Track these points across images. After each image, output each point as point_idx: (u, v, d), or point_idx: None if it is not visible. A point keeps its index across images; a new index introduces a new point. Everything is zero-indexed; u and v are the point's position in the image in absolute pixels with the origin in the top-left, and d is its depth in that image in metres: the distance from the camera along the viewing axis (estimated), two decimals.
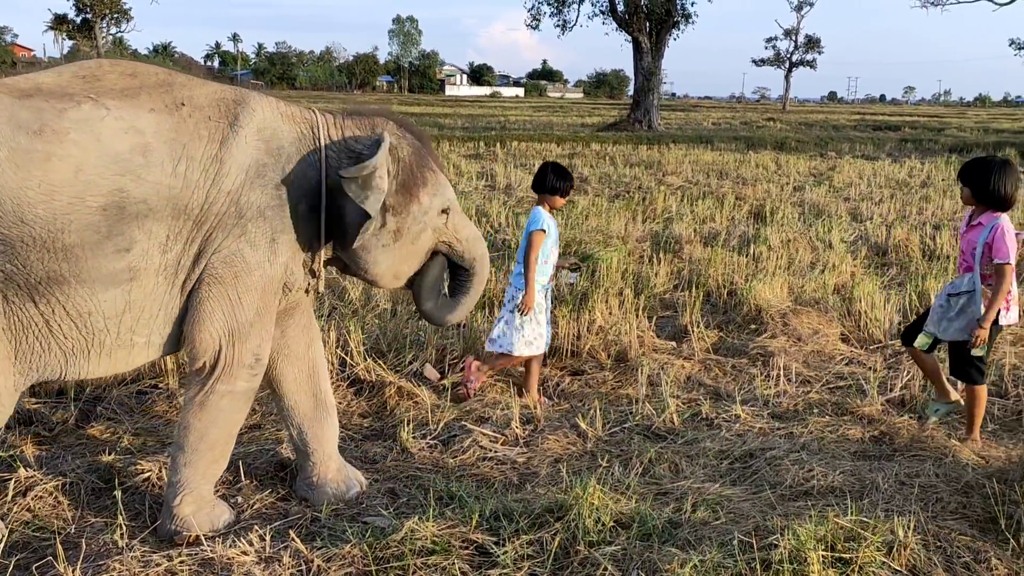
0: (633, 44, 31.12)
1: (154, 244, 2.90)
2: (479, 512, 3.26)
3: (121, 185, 2.77)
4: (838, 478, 3.76)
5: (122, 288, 2.89)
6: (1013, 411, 4.86)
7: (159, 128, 2.88)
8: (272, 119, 3.16)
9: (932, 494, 3.58)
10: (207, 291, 3.05)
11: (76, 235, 2.73)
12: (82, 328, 2.90)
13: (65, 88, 2.82)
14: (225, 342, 3.12)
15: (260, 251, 3.10)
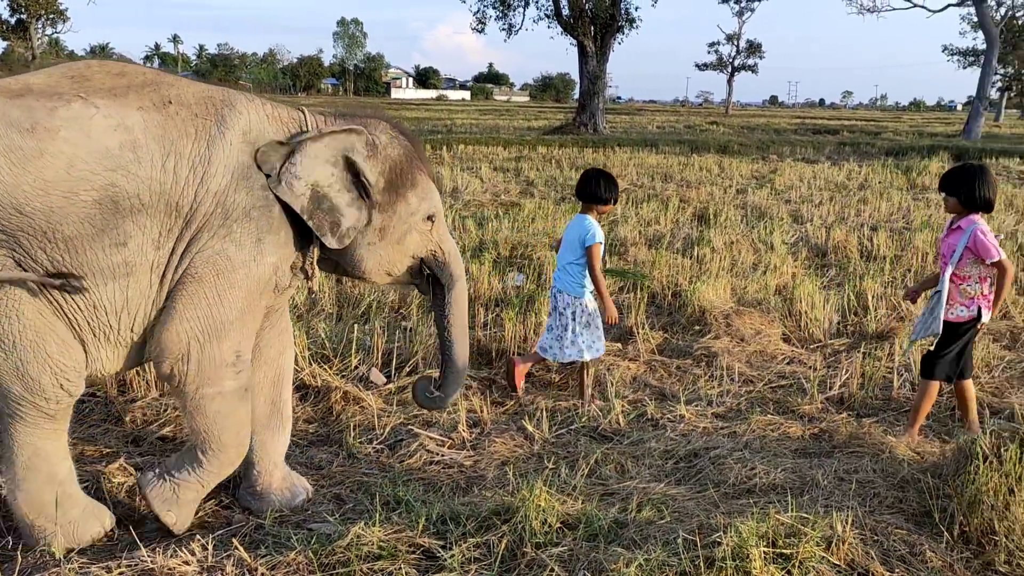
0: (578, 48, 31.31)
1: (148, 240, 2.97)
2: (426, 516, 3.25)
3: (113, 180, 2.85)
4: (779, 475, 3.83)
5: (120, 283, 2.96)
6: (946, 407, 4.99)
7: (147, 125, 2.94)
8: (258, 120, 3.20)
9: (870, 489, 3.66)
10: (183, 290, 3.06)
11: (74, 227, 2.82)
12: (92, 321, 2.99)
13: (55, 88, 2.89)
14: (196, 343, 3.09)
15: (245, 251, 3.11)
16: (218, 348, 3.13)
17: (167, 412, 4.55)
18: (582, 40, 30.97)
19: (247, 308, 3.18)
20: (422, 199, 3.47)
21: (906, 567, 3.04)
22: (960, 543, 3.25)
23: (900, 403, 5.04)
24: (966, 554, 3.18)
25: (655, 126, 38.81)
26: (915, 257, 8.70)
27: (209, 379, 3.15)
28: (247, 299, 3.16)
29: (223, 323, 3.12)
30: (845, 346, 6.02)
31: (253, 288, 3.17)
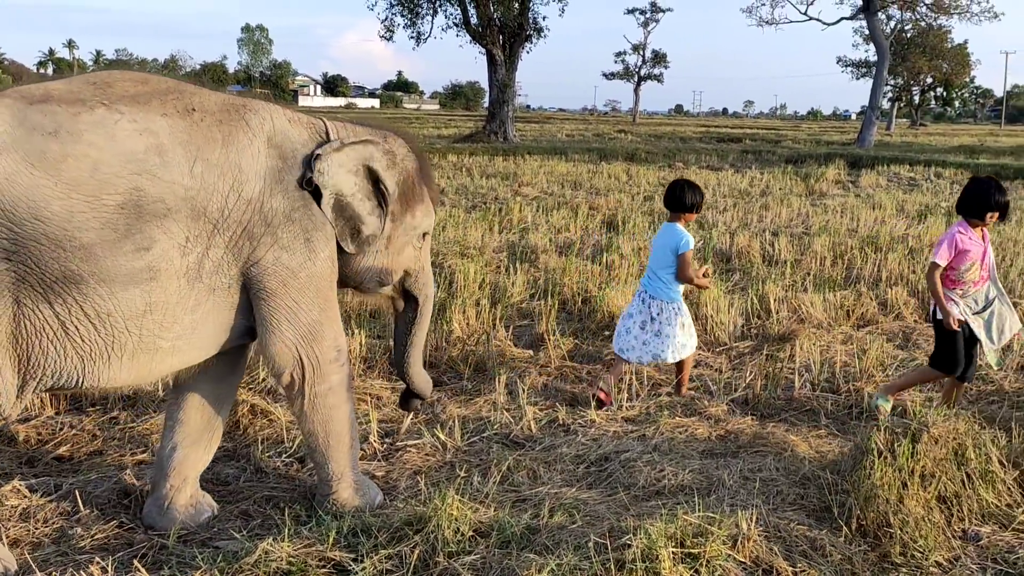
0: (487, 57, 31.47)
1: (173, 245, 2.93)
2: (336, 529, 3.21)
3: (138, 184, 2.82)
4: (687, 476, 3.91)
5: (142, 288, 2.89)
6: (845, 406, 5.18)
7: (173, 131, 2.94)
8: (281, 124, 3.26)
9: (773, 487, 3.77)
10: (263, 307, 3.18)
11: (94, 233, 2.75)
12: (101, 330, 2.88)
13: (77, 94, 2.87)
14: (301, 349, 3.28)
15: (298, 254, 3.21)
16: (320, 348, 3.32)
17: (63, 431, 4.38)
18: (491, 49, 31.14)
19: (325, 304, 3.33)
20: (426, 215, 3.63)
21: (807, 561, 3.14)
22: (858, 536, 3.38)
23: (801, 403, 5.20)
24: (863, 547, 3.30)
25: (564, 134, 39.23)
26: (814, 261, 9.00)
27: (319, 378, 3.35)
28: (320, 296, 3.30)
29: (312, 325, 3.28)
30: (749, 348, 6.19)
31: (321, 284, 3.30)
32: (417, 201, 3.56)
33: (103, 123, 2.81)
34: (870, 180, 18.30)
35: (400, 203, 3.50)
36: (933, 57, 55.35)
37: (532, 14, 31.97)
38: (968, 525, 3.51)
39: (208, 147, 3.01)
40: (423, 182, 3.60)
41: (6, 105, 2.74)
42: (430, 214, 3.66)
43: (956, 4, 37.39)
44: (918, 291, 7.62)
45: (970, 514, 3.55)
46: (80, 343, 2.86)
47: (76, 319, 2.82)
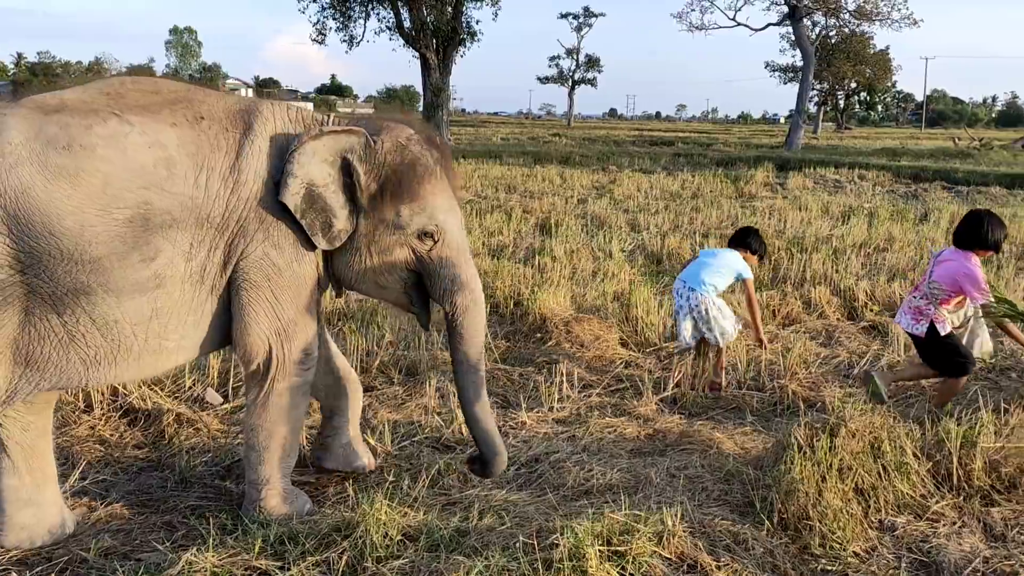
0: (421, 60, 31.34)
1: (178, 252, 3.03)
2: (263, 538, 3.17)
3: (146, 198, 2.91)
4: (615, 476, 3.96)
5: (148, 296, 3.00)
6: (769, 403, 5.30)
7: (181, 142, 3.04)
8: (283, 126, 3.31)
9: (698, 484, 3.85)
10: (245, 297, 3.22)
11: (104, 247, 2.84)
12: (108, 336, 2.98)
13: (90, 104, 2.95)
14: (274, 342, 3.30)
15: (286, 252, 3.25)
16: (291, 346, 3.34)
17: None
18: (424, 53, 31.03)
19: (304, 306, 3.35)
20: (416, 213, 3.38)
21: (731, 556, 3.21)
22: (779, 529, 3.46)
23: (728, 401, 5.31)
24: (784, 540, 3.39)
25: (499, 138, 39.34)
26: None
27: (282, 375, 3.36)
28: (300, 297, 3.32)
29: (288, 322, 3.30)
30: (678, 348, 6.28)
31: (302, 286, 3.32)
32: (404, 199, 3.35)
33: (114, 136, 2.89)
34: (797, 182, 18.73)
35: (378, 200, 3.35)
36: (857, 62, 56.80)
37: (465, 18, 31.95)
38: (884, 516, 3.63)
39: (214, 156, 3.10)
40: (421, 180, 3.37)
41: (23, 116, 2.83)
42: (423, 212, 3.38)
43: (877, 11, 38.50)
44: (841, 290, 7.82)
45: (886, 505, 3.66)
46: (85, 349, 2.97)
47: (83, 327, 2.93)
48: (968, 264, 4.85)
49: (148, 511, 3.70)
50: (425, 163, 3.39)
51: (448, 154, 3.54)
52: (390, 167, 3.34)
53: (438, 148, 3.48)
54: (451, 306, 3.48)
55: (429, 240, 3.42)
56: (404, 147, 3.36)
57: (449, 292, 3.47)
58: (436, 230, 3.41)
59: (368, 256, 3.42)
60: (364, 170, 3.32)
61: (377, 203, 3.35)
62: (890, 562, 3.33)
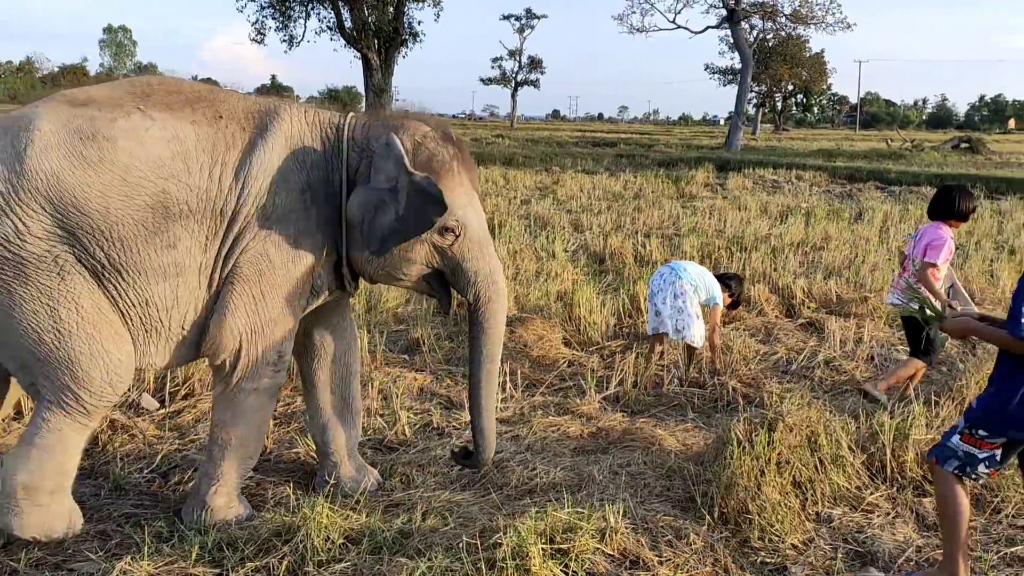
0: (363, 61, 31.11)
1: (196, 243, 3.19)
2: (200, 544, 3.12)
3: (165, 188, 3.09)
4: (559, 474, 3.97)
5: (171, 282, 3.18)
6: (710, 400, 5.37)
7: (199, 137, 3.19)
8: (299, 127, 3.38)
9: (640, 480, 3.88)
10: (231, 288, 3.27)
11: (128, 228, 3.06)
12: (144, 316, 3.20)
13: (116, 100, 3.15)
14: (246, 339, 3.32)
15: (284, 251, 3.31)
16: (263, 346, 3.35)
17: None
18: (366, 53, 30.81)
19: (287, 309, 3.38)
20: None
21: (672, 550, 3.25)
22: (720, 524, 3.51)
23: (670, 398, 5.36)
24: (725, 534, 3.43)
25: None
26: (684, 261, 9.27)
27: (251, 375, 3.37)
28: (287, 300, 3.36)
29: (267, 322, 3.33)
30: (621, 347, 6.33)
31: (292, 289, 3.36)
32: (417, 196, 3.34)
33: (136, 130, 3.08)
34: (737, 183, 19.02)
35: None
36: (793, 65, 57.97)
37: (407, 19, 31.81)
38: (821, 508, 3.70)
39: (229, 152, 3.23)
40: (439, 175, 3.33)
41: (54, 107, 3.09)
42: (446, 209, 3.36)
43: (812, 15, 39.35)
44: (779, 288, 7.96)
45: (823, 497, 3.74)
46: (132, 326, 3.20)
47: (127, 303, 3.15)
48: (938, 231, 5.17)
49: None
50: (441, 159, 3.39)
51: (464, 149, 3.54)
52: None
53: (454, 143, 3.48)
54: (474, 298, 3.51)
55: (450, 235, 3.43)
56: (420, 145, 3.38)
57: (472, 284, 3.50)
58: (456, 225, 3.41)
59: (389, 253, 3.42)
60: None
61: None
62: (827, 553, 3.40)
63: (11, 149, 3.00)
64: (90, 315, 3.09)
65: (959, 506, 3.10)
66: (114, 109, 3.10)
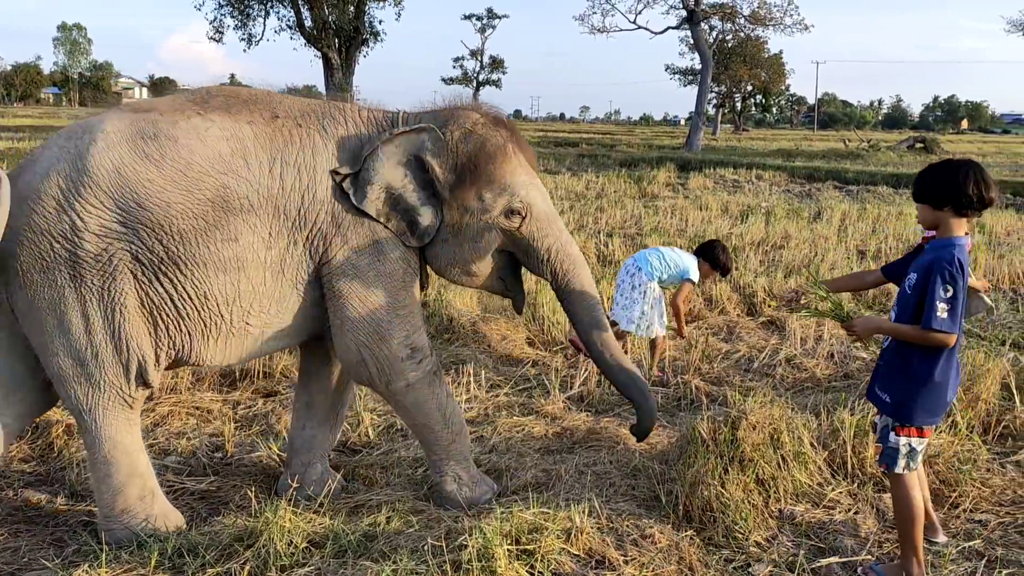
0: (323, 60, 30.89)
1: (258, 239, 3.23)
2: (159, 551, 3.06)
3: (225, 182, 3.17)
4: (524, 474, 3.96)
5: (231, 276, 3.21)
6: (674, 398, 5.39)
7: (257, 136, 3.27)
8: (354, 127, 3.45)
9: (606, 480, 3.88)
10: (331, 306, 3.37)
11: (188, 222, 3.12)
12: (202, 311, 3.22)
13: (177, 107, 3.28)
14: (364, 349, 3.40)
15: (366, 254, 3.35)
16: (386, 347, 3.41)
17: None
18: (327, 52, 30.59)
19: (396, 304, 3.40)
20: (498, 194, 3.44)
21: (638, 549, 3.25)
22: (684, 522, 3.52)
23: None
24: (689, 532, 3.44)
25: None
26: None
27: (393, 377, 3.45)
28: (390, 297, 3.39)
29: (378, 325, 3.38)
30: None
31: (390, 285, 3.39)
32: (483, 182, 3.41)
33: (196, 129, 3.18)
34: (698, 182, 19.16)
35: (458, 189, 3.41)
36: (752, 66, 58.43)
37: (368, 18, 31.67)
38: (784, 505, 3.73)
39: (287, 149, 3.29)
40: (496, 161, 3.42)
41: (119, 114, 3.25)
42: (506, 192, 3.44)
43: (771, 16, 39.77)
44: (740, 287, 8.03)
45: (785, 494, 3.76)
46: (187, 320, 3.21)
47: (182, 297, 3.17)
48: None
49: (36, 527, 3.52)
50: (496, 143, 3.45)
51: (517, 131, 3.59)
52: (463, 155, 3.41)
53: (506, 127, 3.54)
54: (552, 274, 3.58)
55: (516, 217, 3.48)
56: (471, 132, 3.43)
57: (547, 262, 3.56)
58: (522, 206, 3.47)
59: (457, 245, 3.48)
60: (438, 163, 3.41)
61: (459, 192, 3.43)
62: (790, 549, 3.43)
63: (75, 149, 3.10)
64: (133, 315, 3.15)
65: (915, 507, 3.18)
66: (175, 113, 3.22)
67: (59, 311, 3.10)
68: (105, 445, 3.24)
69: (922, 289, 3.03)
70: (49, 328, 3.11)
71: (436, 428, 3.59)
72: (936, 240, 3.14)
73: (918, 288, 3.06)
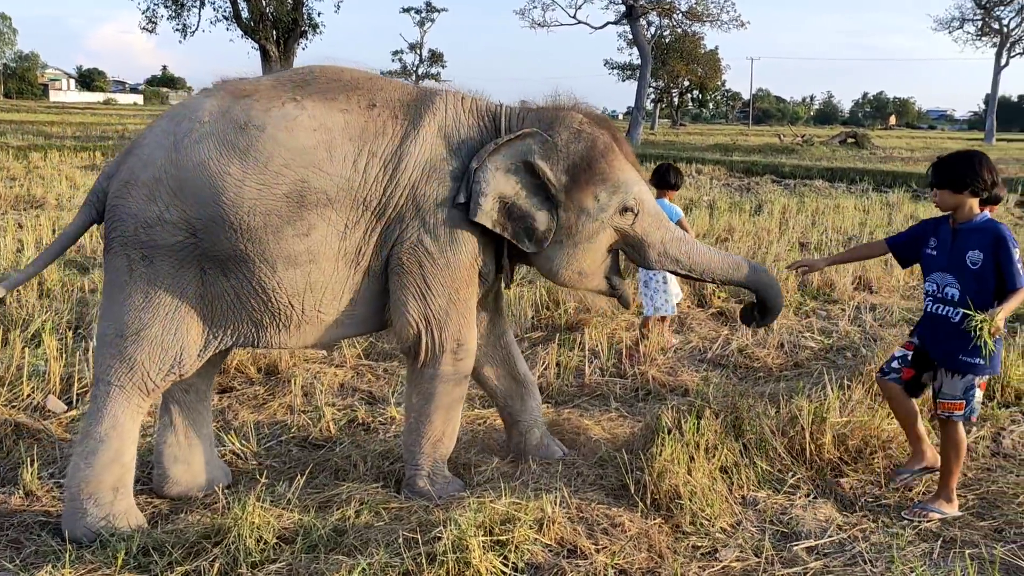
0: (261, 52, 30.37)
1: (332, 231, 3.21)
2: (125, 550, 2.99)
3: (304, 176, 3.12)
4: (491, 466, 3.96)
5: (302, 269, 3.20)
6: (631, 389, 5.45)
7: (347, 126, 3.22)
8: (455, 115, 3.42)
9: (574, 470, 3.90)
10: (397, 281, 3.35)
11: (260, 218, 3.09)
12: (268, 303, 3.23)
13: (276, 90, 3.24)
14: (423, 328, 3.41)
15: (441, 241, 3.33)
16: (439, 335, 3.43)
17: None
18: (264, 44, 30.10)
19: (457, 297, 3.40)
20: (612, 193, 3.47)
21: (608, 538, 3.28)
22: (652, 510, 3.56)
23: (592, 388, 5.42)
24: (658, 520, 3.49)
25: None
26: None
27: (431, 361, 3.48)
28: (454, 288, 3.38)
29: (438, 311, 3.39)
30: (541, 338, 6.36)
31: (456, 275, 3.38)
32: (597, 182, 3.44)
33: (285, 118, 3.13)
34: None
35: (571, 190, 3.43)
36: (689, 62, 59.19)
37: (307, 9, 31.25)
38: (747, 492, 3.80)
39: (377, 141, 3.25)
40: (605, 160, 3.46)
41: (219, 97, 3.20)
42: (620, 190, 3.48)
43: (708, 12, 40.33)
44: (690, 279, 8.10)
45: (748, 481, 3.84)
46: (252, 312, 3.24)
47: (247, 291, 3.19)
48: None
49: None
50: (605, 142, 3.49)
51: (616, 129, 3.63)
52: (575, 156, 3.43)
53: (608, 125, 3.59)
54: (676, 263, 3.67)
55: (630, 215, 3.53)
56: (580, 132, 3.46)
57: (664, 254, 3.65)
58: (635, 203, 3.52)
59: (572, 247, 3.50)
60: (549, 167, 3.41)
61: (574, 194, 3.44)
62: (754, 535, 3.49)
63: (172, 137, 3.12)
64: (190, 305, 3.19)
65: (964, 445, 3.75)
66: (271, 99, 3.18)
67: (123, 282, 3.17)
68: (106, 422, 3.22)
69: (993, 261, 3.51)
70: (110, 294, 3.22)
71: (435, 424, 3.60)
72: (976, 219, 3.60)
73: (988, 261, 3.53)
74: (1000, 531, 3.63)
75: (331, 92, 3.28)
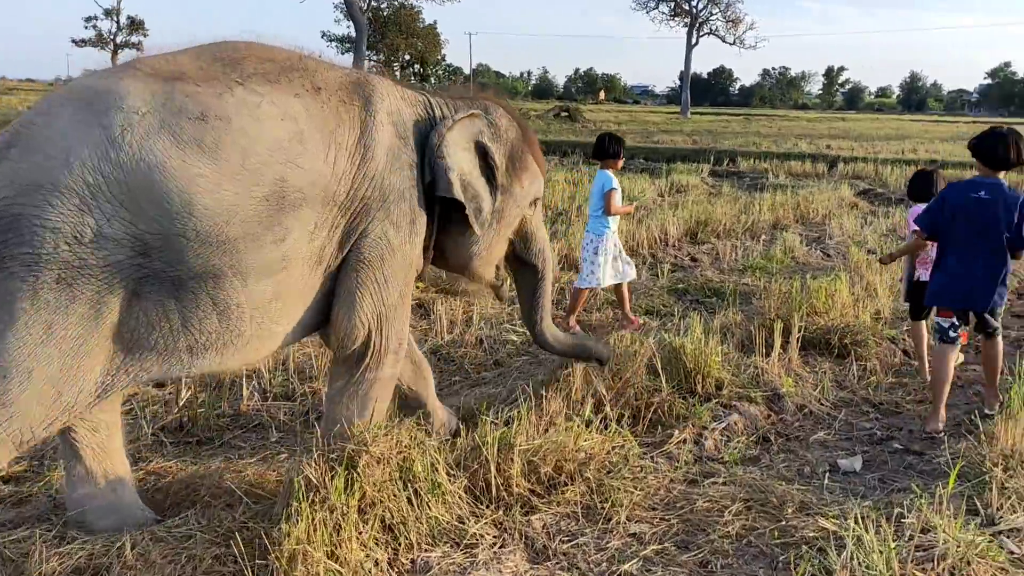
0: None
1: (303, 233, 2.84)
2: None
3: (283, 174, 2.73)
4: None
5: (273, 278, 2.80)
6: (300, 413, 4.52)
7: (308, 115, 2.85)
8: (396, 102, 3.20)
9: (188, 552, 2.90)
10: (356, 277, 3.04)
11: (239, 227, 2.64)
12: (225, 321, 2.75)
13: (209, 72, 2.72)
14: (373, 327, 3.14)
15: (402, 233, 3.11)
16: (387, 334, 3.18)
17: None
18: None
19: (404, 292, 3.21)
20: (532, 181, 3.55)
21: None
22: None
23: (249, 417, 4.44)
24: None
25: (27, 106, 34.25)
26: None
27: (375, 364, 3.20)
28: (404, 284, 3.19)
29: (390, 308, 3.15)
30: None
31: (407, 273, 3.19)
32: (523, 170, 3.50)
33: (247, 106, 2.68)
34: None
35: (509, 175, 3.44)
36: (408, 35, 58.73)
37: None
38: (419, 553, 3.02)
39: (340, 131, 2.93)
40: (530, 147, 3.54)
41: (138, 79, 2.60)
42: (536, 179, 3.60)
43: None
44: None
45: (421, 538, 3.07)
46: (197, 335, 2.71)
47: (202, 312, 2.68)
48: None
49: None
50: (530, 133, 3.56)
51: (525, 122, 3.62)
52: (513, 142, 3.46)
53: (518, 118, 3.60)
54: (543, 260, 3.77)
55: (534, 206, 3.62)
56: (512, 120, 3.50)
57: (542, 250, 3.76)
58: (540, 195, 3.64)
59: (495, 232, 3.45)
60: (495, 149, 3.38)
61: (509, 179, 3.44)
62: None
63: (103, 133, 2.49)
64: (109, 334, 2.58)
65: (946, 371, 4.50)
66: (213, 83, 2.67)
67: (17, 310, 2.44)
68: None
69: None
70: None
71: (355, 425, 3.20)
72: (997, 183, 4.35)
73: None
74: (706, 564, 3.12)
75: (272, 74, 2.83)
